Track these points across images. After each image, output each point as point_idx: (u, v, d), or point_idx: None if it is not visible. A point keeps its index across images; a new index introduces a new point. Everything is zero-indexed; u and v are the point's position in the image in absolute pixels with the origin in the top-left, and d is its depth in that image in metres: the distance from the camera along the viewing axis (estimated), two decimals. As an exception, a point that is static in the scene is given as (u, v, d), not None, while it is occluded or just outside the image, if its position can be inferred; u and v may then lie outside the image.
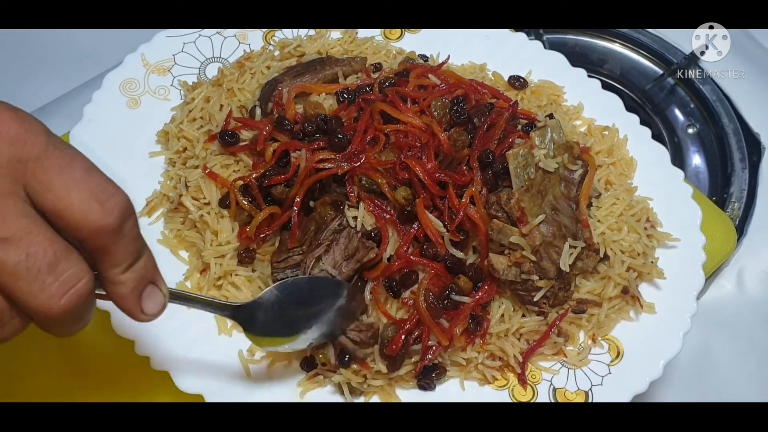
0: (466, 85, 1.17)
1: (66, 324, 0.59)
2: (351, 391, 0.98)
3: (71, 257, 0.57)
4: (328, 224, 1.01)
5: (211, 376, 0.98)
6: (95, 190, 0.57)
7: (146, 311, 0.65)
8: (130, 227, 0.60)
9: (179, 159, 1.16)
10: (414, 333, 0.98)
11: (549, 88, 1.31)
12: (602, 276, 1.08)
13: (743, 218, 1.37)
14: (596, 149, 1.21)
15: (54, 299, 0.55)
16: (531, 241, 0.99)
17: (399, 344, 0.95)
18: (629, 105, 1.36)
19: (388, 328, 0.97)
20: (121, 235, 0.59)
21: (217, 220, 1.08)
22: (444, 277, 1.00)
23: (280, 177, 1.05)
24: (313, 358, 1.00)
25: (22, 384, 1.08)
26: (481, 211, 1.01)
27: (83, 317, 0.61)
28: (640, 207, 1.15)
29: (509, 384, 1.02)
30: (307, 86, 1.18)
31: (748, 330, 1.25)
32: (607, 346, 1.06)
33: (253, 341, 0.91)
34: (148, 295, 0.65)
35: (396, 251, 1.00)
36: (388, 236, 1.00)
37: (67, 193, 0.56)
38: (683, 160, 1.50)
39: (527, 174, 1.03)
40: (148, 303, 0.65)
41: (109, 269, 0.61)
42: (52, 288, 0.55)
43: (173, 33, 1.31)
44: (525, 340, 1.04)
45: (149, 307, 0.65)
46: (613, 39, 1.64)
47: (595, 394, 1.01)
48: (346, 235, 0.99)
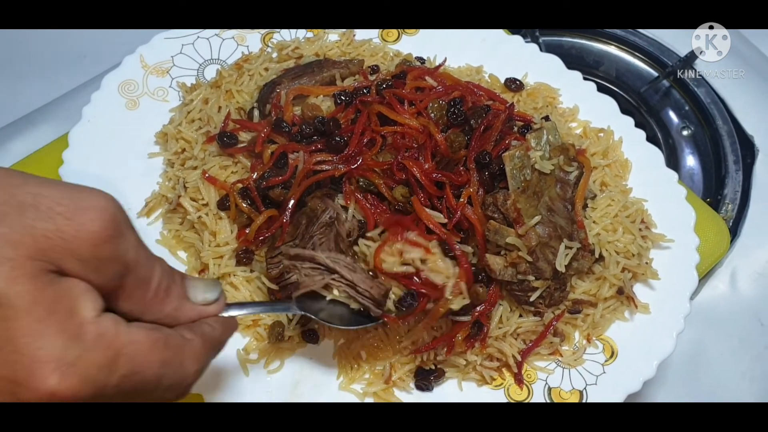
0: (463, 87, 1.18)
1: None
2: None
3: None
4: (319, 217, 1.01)
5: (209, 376, 0.98)
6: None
7: (194, 299, 0.67)
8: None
9: (178, 160, 1.17)
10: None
11: (545, 91, 1.32)
12: (597, 276, 1.09)
13: (737, 220, 1.38)
14: (591, 151, 1.22)
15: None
16: (527, 242, 1.00)
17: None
18: (624, 107, 1.37)
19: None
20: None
21: (215, 222, 1.08)
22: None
23: (278, 178, 1.06)
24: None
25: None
26: (478, 211, 1.02)
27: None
28: (634, 208, 1.16)
29: (505, 383, 1.03)
30: (305, 88, 1.18)
31: (741, 330, 1.26)
32: (601, 346, 1.07)
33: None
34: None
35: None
36: (374, 223, 1.01)
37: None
38: (678, 161, 1.51)
39: (523, 175, 1.04)
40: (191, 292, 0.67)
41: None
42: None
43: (172, 34, 1.31)
44: (522, 340, 1.05)
45: (195, 295, 0.67)
46: (609, 41, 1.65)
47: (590, 393, 1.02)
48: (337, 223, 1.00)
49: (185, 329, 0.64)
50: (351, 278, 0.93)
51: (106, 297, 0.57)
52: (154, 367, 0.58)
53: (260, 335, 1.03)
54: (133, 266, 0.58)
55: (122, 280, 0.58)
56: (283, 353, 1.02)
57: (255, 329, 1.03)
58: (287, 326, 1.02)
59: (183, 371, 0.61)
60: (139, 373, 0.56)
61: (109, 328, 0.55)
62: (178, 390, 0.62)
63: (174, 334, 0.61)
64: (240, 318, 1.04)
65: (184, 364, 0.61)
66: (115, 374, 0.55)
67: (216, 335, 0.68)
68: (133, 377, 0.56)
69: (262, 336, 1.03)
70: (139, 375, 0.56)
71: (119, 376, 0.55)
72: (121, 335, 0.55)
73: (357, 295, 0.93)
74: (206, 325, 0.67)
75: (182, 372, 0.61)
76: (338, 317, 0.94)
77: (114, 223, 0.55)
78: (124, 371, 0.55)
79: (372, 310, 0.93)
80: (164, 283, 0.62)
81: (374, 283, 0.94)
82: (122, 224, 0.56)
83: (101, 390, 0.54)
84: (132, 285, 0.59)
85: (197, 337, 0.64)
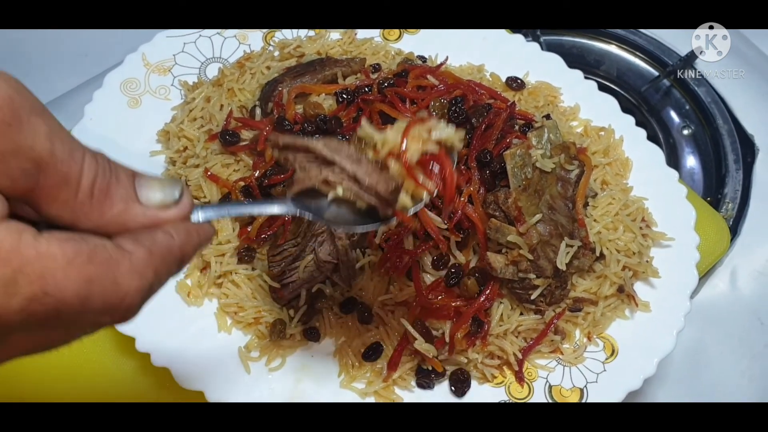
0: (465, 85, 1.18)
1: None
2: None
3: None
4: None
5: (211, 373, 0.99)
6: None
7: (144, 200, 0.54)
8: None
9: (180, 158, 1.17)
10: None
11: (546, 89, 1.32)
12: (598, 275, 1.09)
13: (737, 218, 1.38)
14: (592, 150, 1.22)
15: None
16: (528, 240, 1.00)
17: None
18: (625, 106, 1.37)
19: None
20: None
21: (217, 220, 1.08)
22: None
23: (280, 177, 1.06)
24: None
25: (23, 383, 1.08)
26: (479, 210, 1.02)
27: None
28: (635, 207, 1.16)
29: (506, 381, 1.03)
30: (307, 87, 1.19)
31: (741, 329, 1.26)
32: (602, 343, 1.07)
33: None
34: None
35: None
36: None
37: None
38: (678, 160, 1.51)
39: (524, 174, 1.04)
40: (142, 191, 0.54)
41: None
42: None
43: (174, 33, 1.32)
44: (523, 338, 1.05)
45: (146, 195, 0.54)
46: (610, 41, 1.66)
47: (590, 391, 1.02)
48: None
49: (127, 239, 0.51)
50: (354, 171, 0.76)
51: (22, 202, 0.48)
52: (72, 287, 0.46)
53: (262, 333, 1.03)
54: (48, 161, 0.47)
55: (36, 180, 0.47)
56: (285, 351, 1.03)
57: (257, 327, 1.04)
58: (289, 324, 1.02)
59: (117, 290, 0.49)
60: (51, 295, 0.46)
61: (4, 240, 0.44)
62: (116, 313, 0.51)
63: (102, 245, 0.49)
64: (240, 318, 1.04)
65: (119, 281, 0.49)
66: (15, 297, 0.44)
67: (174, 245, 0.54)
68: (44, 300, 0.45)
69: (264, 334, 1.03)
70: (51, 297, 0.46)
71: (22, 299, 0.45)
72: (23, 248, 0.45)
73: (362, 192, 0.76)
74: (160, 234, 0.54)
75: (117, 291, 0.49)
76: (344, 218, 0.78)
77: (10, 109, 0.45)
78: (28, 293, 0.45)
79: (380, 209, 0.77)
80: (101, 182, 0.51)
81: (382, 177, 0.77)
82: (23, 109, 0.46)
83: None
84: (51, 185, 0.48)
85: (141, 247, 0.51)
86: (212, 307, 1.06)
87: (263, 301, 1.04)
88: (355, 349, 1.03)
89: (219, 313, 1.05)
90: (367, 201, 0.76)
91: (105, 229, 0.51)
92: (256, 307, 1.04)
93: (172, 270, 0.55)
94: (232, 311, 1.05)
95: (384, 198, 0.76)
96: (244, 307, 1.04)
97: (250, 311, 1.04)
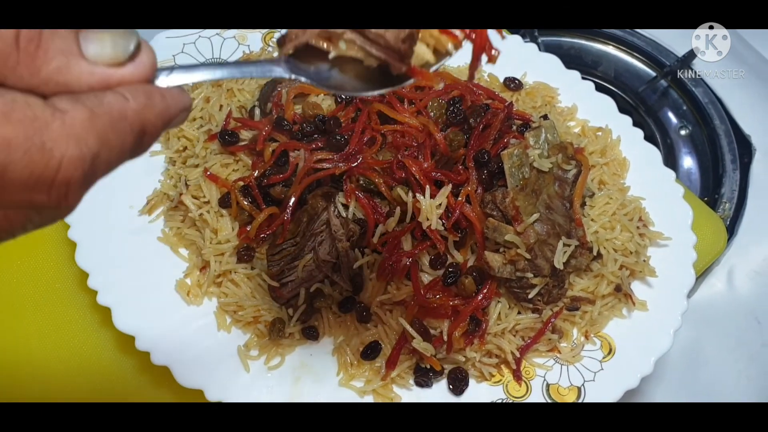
0: (462, 86, 1.19)
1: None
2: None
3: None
4: (319, 215, 1.02)
5: (211, 372, 0.99)
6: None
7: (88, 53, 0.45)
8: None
9: (179, 158, 1.18)
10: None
11: (544, 90, 1.33)
12: (595, 274, 1.10)
13: (734, 218, 1.39)
14: (590, 150, 1.23)
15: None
16: (525, 240, 1.01)
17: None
18: (622, 107, 1.38)
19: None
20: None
21: (216, 219, 1.09)
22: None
23: (279, 176, 1.06)
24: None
25: (23, 383, 1.08)
26: (477, 209, 1.03)
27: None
28: (632, 206, 1.17)
29: (504, 380, 1.04)
30: (306, 87, 1.19)
31: (738, 328, 1.27)
32: (599, 342, 1.08)
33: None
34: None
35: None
36: (374, 221, 1.02)
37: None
38: (675, 160, 1.52)
39: (522, 173, 1.05)
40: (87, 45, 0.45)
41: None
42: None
43: (173, 34, 1.32)
44: (520, 337, 1.06)
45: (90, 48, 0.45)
46: (607, 41, 1.66)
47: (588, 389, 1.03)
48: (338, 223, 1.00)
49: (62, 98, 0.42)
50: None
51: None
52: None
53: (261, 332, 1.04)
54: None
55: None
56: (284, 350, 1.03)
57: (256, 326, 1.04)
58: (288, 323, 1.03)
59: (47, 157, 0.40)
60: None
61: None
62: (52, 189, 0.41)
63: (24, 101, 0.40)
64: (239, 317, 1.05)
65: (47, 145, 0.39)
66: None
67: (128, 107, 0.44)
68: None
69: (263, 332, 1.04)
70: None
71: None
72: None
73: (369, 44, 0.63)
74: (110, 94, 0.44)
75: (45, 158, 0.39)
76: (350, 82, 0.65)
77: None
78: None
79: (393, 65, 0.64)
80: (28, 31, 0.43)
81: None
82: None
83: None
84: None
85: (81, 107, 0.42)
86: (212, 306, 1.06)
87: (262, 300, 1.05)
88: (353, 347, 1.04)
89: (218, 311, 1.06)
90: (376, 55, 0.63)
91: (41, 90, 0.42)
92: (256, 306, 1.04)
93: (127, 140, 0.44)
94: (232, 310, 1.05)
95: (394, 48, 0.63)
96: (244, 306, 1.05)
97: (249, 310, 1.04)
